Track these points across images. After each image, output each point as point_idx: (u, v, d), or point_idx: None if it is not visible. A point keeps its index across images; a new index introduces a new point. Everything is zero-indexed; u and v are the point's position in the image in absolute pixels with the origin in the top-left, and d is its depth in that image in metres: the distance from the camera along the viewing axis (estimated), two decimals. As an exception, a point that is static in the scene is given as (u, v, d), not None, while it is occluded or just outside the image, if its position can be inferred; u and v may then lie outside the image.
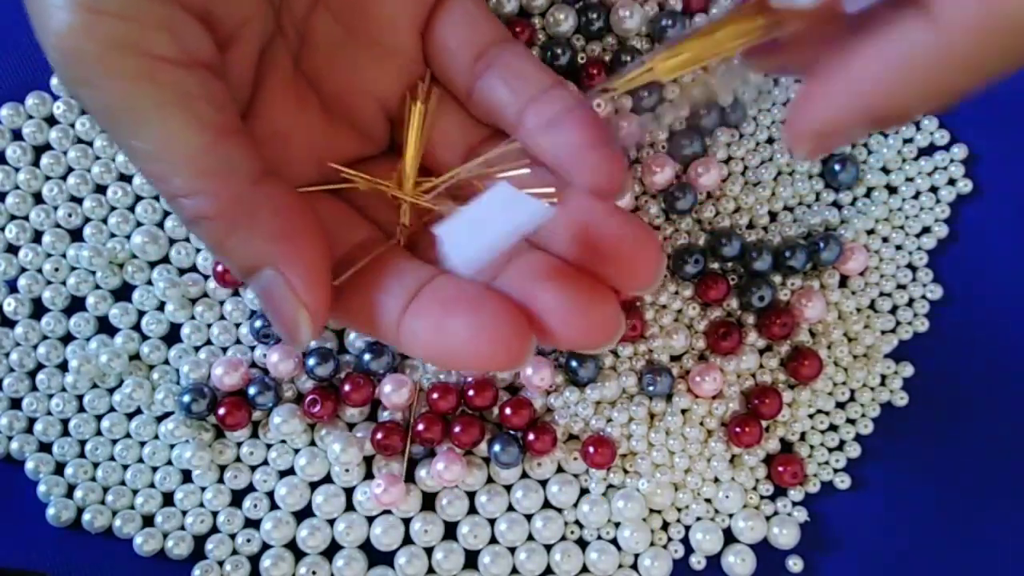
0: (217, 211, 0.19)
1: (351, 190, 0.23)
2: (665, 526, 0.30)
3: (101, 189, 0.30)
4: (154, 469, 0.29)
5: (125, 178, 0.30)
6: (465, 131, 0.24)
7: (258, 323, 0.29)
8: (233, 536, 0.29)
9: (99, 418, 0.30)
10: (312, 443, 0.30)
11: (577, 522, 0.30)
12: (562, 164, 0.21)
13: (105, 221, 0.30)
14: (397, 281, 0.20)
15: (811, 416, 0.31)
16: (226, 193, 0.19)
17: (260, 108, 0.22)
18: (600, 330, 0.19)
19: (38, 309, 0.30)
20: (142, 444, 0.29)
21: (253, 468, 0.30)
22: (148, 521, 0.29)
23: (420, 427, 0.29)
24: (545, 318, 0.19)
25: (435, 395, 0.29)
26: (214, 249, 0.20)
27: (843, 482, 0.30)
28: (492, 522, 0.30)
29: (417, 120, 0.23)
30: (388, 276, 0.21)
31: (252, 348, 0.30)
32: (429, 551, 0.29)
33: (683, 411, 0.30)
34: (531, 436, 0.29)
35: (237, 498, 0.30)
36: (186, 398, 0.29)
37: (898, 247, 0.31)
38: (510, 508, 0.30)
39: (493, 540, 0.30)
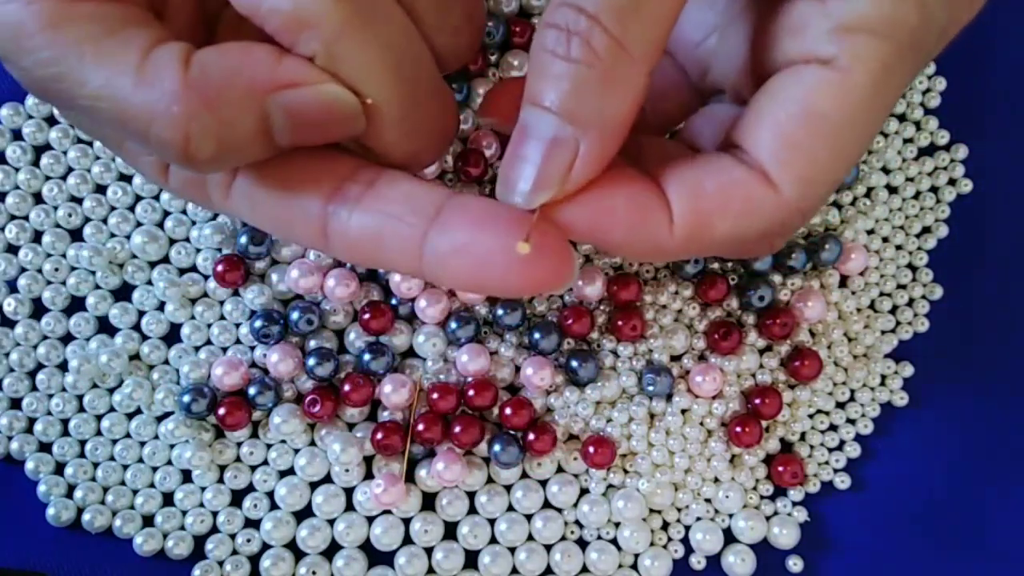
0: (185, 115, 0.17)
1: None
2: (665, 526, 0.30)
3: (101, 189, 0.30)
4: (154, 469, 0.29)
5: (125, 178, 0.30)
6: None
7: (258, 323, 0.29)
8: (233, 536, 0.29)
9: (99, 418, 0.30)
10: (312, 443, 0.30)
11: (577, 522, 0.30)
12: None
13: (105, 221, 0.30)
14: (407, 201, 0.19)
15: (811, 416, 0.31)
16: (178, 93, 0.17)
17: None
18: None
19: (38, 309, 0.30)
20: (142, 444, 0.29)
21: (253, 468, 0.30)
22: (148, 521, 0.29)
23: (420, 427, 0.29)
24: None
25: (435, 395, 0.29)
26: (223, 154, 0.18)
27: (843, 482, 0.31)
28: (492, 522, 0.30)
29: None
30: (398, 198, 0.19)
31: (252, 348, 0.30)
32: (429, 551, 0.29)
33: (683, 411, 0.30)
34: (531, 436, 0.29)
35: (237, 498, 0.30)
36: (186, 398, 0.29)
37: (898, 247, 0.31)
38: (510, 508, 0.30)
39: (493, 540, 0.30)
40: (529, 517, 0.30)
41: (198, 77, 0.18)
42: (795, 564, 0.30)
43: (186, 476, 0.30)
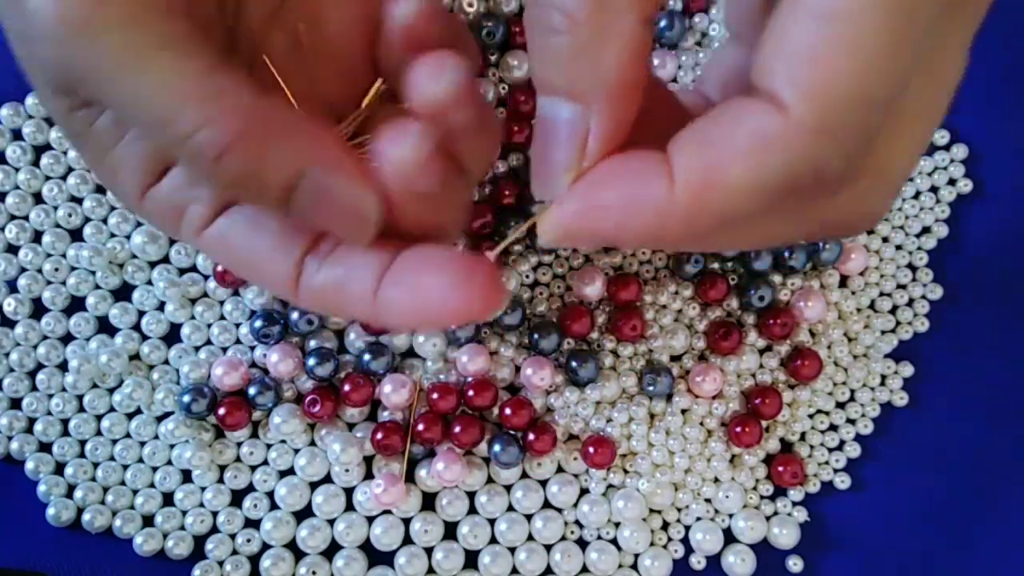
0: (235, 132, 0.18)
1: None
2: (665, 526, 0.30)
3: (101, 189, 0.30)
4: (154, 469, 0.29)
5: (125, 178, 0.30)
6: None
7: (258, 323, 0.29)
8: (233, 536, 0.29)
9: (99, 418, 0.30)
10: (312, 443, 0.30)
11: (577, 522, 0.30)
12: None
13: (105, 221, 0.30)
14: (366, 256, 0.20)
15: (811, 416, 0.31)
16: (237, 111, 0.18)
17: None
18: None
19: (38, 309, 0.30)
20: (142, 444, 0.29)
21: (253, 468, 0.30)
22: (148, 521, 0.29)
23: (420, 427, 0.29)
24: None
25: (435, 395, 0.29)
26: (246, 183, 0.19)
27: (843, 482, 0.30)
28: (492, 522, 0.30)
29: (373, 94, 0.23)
30: (357, 253, 0.20)
31: (252, 348, 0.30)
32: (429, 551, 0.29)
33: (683, 411, 0.30)
34: (531, 436, 0.29)
35: (237, 498, 0.30)
36: (186, 398, 0.29)
37: (898, 247, 0.31)
38: (510, 508, 0.30)
39: (493, 540, 0.30)
40: (529, 517, 0.30)
41: (262, 116, 0.18)
42: (795, 564, 0.30)
43: (186, 476, 0.30)
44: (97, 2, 0.18)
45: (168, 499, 0.29)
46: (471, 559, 0.29)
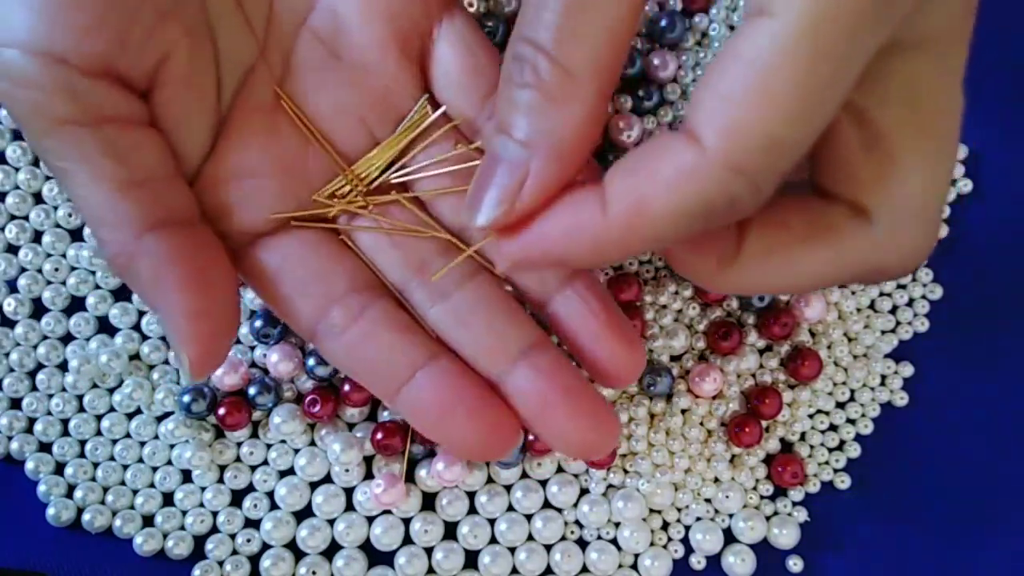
0: (109, 257, 0.21)
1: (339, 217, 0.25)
2: (665, 526, 0.30)
3: (101, 189, 0.30)
4: (154, 469, 0.29)
5: (125, 178, 0.30)
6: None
7: (258, 323, 0.29)
8: (233, 536, 0.29)
9: (99, 418, 0.30)
10: (312, 443, 0.30)
11: (577, 522, 0.30)
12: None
13: (105, 221, 0.30)
14: (390, 357, 0.23)
15: (811, 416, 0.31)
16: (113, 243, 0.21)
17: (229, 141, 0.23)
18: (594, 449, 0.23)
19: (38, 309, 0.30)
20: (142, 444, 0.29)
21: (253, 468, 0.30)
22: (148, 521, 0.29)
23: (420, 427, 0.29)
24: (548, 434, 0.23)
25: (435, 395, 0.29)
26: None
27: (843, 482, 0.31)
28: (492, 522, 0.30)
29: (416, 119, 0.24)
30: (382, 350, 0.23)
31: (252, 348, 0.30)
32: (429, 551, 0.29)
33: (683, 411, 0.30)
34: (531, 436, 0.29)
35: (237, 498, 0.30)
36: (186, 398, 0.29)
37: (898, 247, 0.31)
38: (510, 508, 0.30)
39: (493, 540, 0.30)
40: (529, 517, 0.30)
41: (125, 256, 0.21)
42: (795, 564, 0.30)
43: (186, 476, 0.30)
44: (22, 111, 0.20)
45: (168, 499, 0.29)
46: (471, 559, 0.29)
